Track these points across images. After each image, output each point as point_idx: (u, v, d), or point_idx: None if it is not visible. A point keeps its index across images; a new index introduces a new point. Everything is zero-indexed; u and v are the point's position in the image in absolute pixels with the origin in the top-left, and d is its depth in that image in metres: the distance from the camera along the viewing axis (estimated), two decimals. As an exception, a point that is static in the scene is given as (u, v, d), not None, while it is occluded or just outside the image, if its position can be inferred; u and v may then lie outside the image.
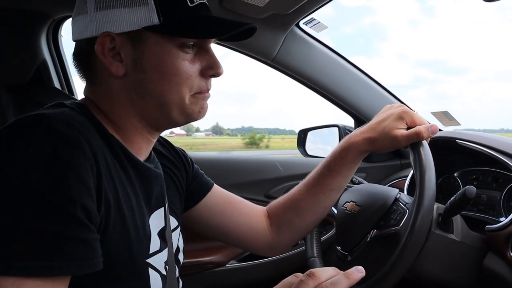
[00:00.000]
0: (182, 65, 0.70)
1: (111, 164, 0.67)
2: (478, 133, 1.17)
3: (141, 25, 0.67)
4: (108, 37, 0.68)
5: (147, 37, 0.68)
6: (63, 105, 0.69)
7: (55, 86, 1.59)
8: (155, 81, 0.70)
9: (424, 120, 0.88)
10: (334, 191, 0.97)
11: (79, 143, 0.58)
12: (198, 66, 0.72)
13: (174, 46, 0.69)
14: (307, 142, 1.91)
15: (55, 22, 1.54)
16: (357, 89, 1.68)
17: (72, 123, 0.60)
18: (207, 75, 0.73)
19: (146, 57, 0.69)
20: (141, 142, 0.76)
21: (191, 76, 0.71)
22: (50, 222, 0.53)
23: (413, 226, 0.75)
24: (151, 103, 0.72)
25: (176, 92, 0.71)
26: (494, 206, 1.11)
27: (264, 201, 1.64)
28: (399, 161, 1.74)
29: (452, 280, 0.89)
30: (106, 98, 0.73)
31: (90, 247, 0.57)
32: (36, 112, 0.61)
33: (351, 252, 0.92)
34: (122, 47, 0.69)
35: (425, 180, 0.78)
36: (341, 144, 0.96)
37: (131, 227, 0.67)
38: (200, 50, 0.73)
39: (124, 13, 0.67)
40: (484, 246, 0.92)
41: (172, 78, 0.69)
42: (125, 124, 0.73)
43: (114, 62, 0.69)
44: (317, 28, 1.57)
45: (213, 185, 1.02)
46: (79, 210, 0.55)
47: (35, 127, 0.57)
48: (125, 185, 0.69)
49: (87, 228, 0.57)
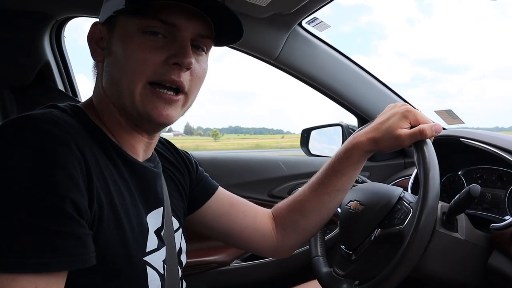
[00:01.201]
0: (138, 49, 0.68)
1: (102, 163, 0.67)
2: (482, 132, 1.16)
3: (112, 11, 0.70)
4: (97, 27, 0.74)
5: (115, 22, 0.71)
6: (55, 106, 0.70)
7: (58, 87, 1.60)
8: (115, 65, 0.71)
9: (427, 119, 0.87)
10: (339, 192, 0.97)
11: (66, 141, 0.59)
12: (163, 55, 0.69)
13: (135, 30, 0.69)
14: (311, 141, 1.91)
15: (58, 23, 1.55)
16: (360, 88, 1.68)
17: (59, 123, 0.62)
18: (170, 63, 0.69)
19: (113, 41, 0.71)
20: (131, 140, 0.76)
21: (146, 61, 0.68)
22: (41, 219, 0.54)
23: (417, 225, 0.75)
24: (114, 90, 0.72)
25: (129, 78, 0.69)
26: (498, 204, 1.11)
27: (267, 200, 1.65)
28: (403, 160, 1.73)
29: (457, 279, 0.89)
30: (96, 91, 0.76)
31: (81, 242, 0.57)
32: (25, 114, 0.62)
33: (355, 251, 0.92)
34: (104, 35, 0.74)
35: (429, 179, 0.77)
36: (345, 144, 0.96)
37: (126, 224, 0.68)
38: (173, 40, 0.70)
39: (109, 4, 0.72)
40: (489, 244, 0.91)
41: (126, 62, 0.69)
42: (111, 120, 0.74)
43: (97, 49, 0.74)
44: (319, 27, 1.57)
45: (217, 188, 1.02)
46: (68, 205, 0.56)
47: (23, 127, 0.59)
48: (118, 183, 0.70)
49: (78, 223, 0.57)
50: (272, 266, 1.62)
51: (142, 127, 0.76)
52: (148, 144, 0.79)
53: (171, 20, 0.69)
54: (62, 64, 1.64)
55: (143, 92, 0.69)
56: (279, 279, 1.63)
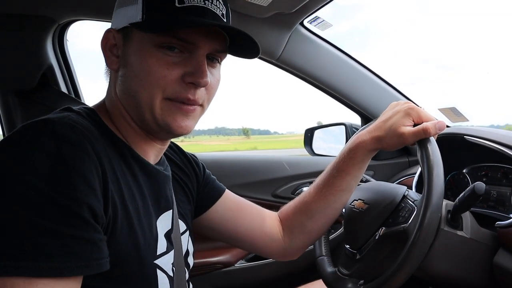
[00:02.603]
0: (155, 65, 0.68)
1: (116, 166, 0.68)
2: (486, 129, 1.16)
3: (128, 22, 0.70)
4: (110, 34, 0.74)
5: (132, 34, 0.71)
6: (70, 110, 0.71)
7: (61, 90, 1.61)
8: (132, 78, 0.71)
9: (431, 116, 0.87)
10: (344, 192, 0.97)
11: (83, 146, 0.60)
12: (180, 71, 0.70)
13: (152, 45, 0.69)
14: (314, 141, 1.91)
15: (61, 26, 1.55)
16: (363, 87, 1.67)
17: (76, 127, 0.62)
18: (186, 82, 0.70)
19: (129, 53, 0.71)
20: (144, 145, 0.77)
21: (165, 77, 0.69)
22: (57, 223, 0.54)
23: (421, 223, 0.75)
24: (131, 101, 0.72)
25: (147, 92, 0.70)
26: (504, 202, 1.10)
27: (271, 200, 1.64)
28: (407, 158, 1.73)
29: (462, 277, 0.88)
30: (109, 96, 0.76)
31: (96, 247, 0.58)
32: (42, 118, 0.62)
33: (360, 250, 0.91)
34: (118, 43, 0.73)
35: (433, 177, 0.77)
36: (348, 144, 0.96)
37: (138, 229, 0.68)
38: (189, 57, 0.70)
39: (123, 11, 0.72)
40: (495, 242, 0.91)
41: (144, 77, 0.69)
42: (125, 125, 0.75)
43: (112, 57, 0.73)
44: (321, 26, 1.57)
45: (224, 191, 1.02)
46: (85, 210, 0.56)
47: (41, 131, 0.59)
48: (132, 187, 0.70)
49: (94, 229, 0.58)
50: (277, 266, 1.62)
51: (157, 135, 0.77)
52: (160, 149, 0.80)
53: (189, 38, 0.69)
54: (65, 67, 1.65)
55: (163, 106, 0.71)
56: (284, 279, 1.62)
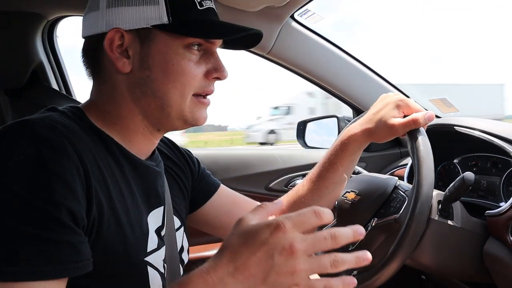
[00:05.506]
0: (187, 65, 0.71)
1: (103, 164, 0.67)
2: (476, 119, 1.17)
3: (151, 23, 0.69)
4: (117, 34, 0.69)
5: (155, 36, 0.70)
6: (55, 109, 0.70)
7: (52, 87, 1.59)
8: (160, 80, 0.71)
9: (420, 107, 0.88)
10: (337, 185, 0.98)
11: (63, 147, 0.59)
12: (204, 68, 0.73)
13: (180, 46, 0.70)
14: (307, 134, 1.91)
15: (50, 23, 1.54)
16: (355, 79, 1.67)
17: (57, 128, 0.61)
18: (211, 77, 0.74)
19: (152, 55, 0.70)
20: (142, 141, 0.77)
21: (196, 76, 0.72)
22: (36, 227, 0.53)
23: (412, 213, 0.76)
24: (153, 102, 0.72)
25: (179, 92, 0.72)
26: (494, 191, 1.11)
27: (264, 194, 1.65)
28: (398, 149, 1.74)
29: (453, 266, 0.90)
30: (110, 97, 0.74)
31: (75, 250, 0.57)
32: (22, 118, 0.61)
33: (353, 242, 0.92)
34: (131, 44, 0.70)
35: (423, 167, 0.78)
36: (340, 137, 0.97)
37: (126, 226, 0.68)
38: (206, 53, 0.74)
39: (134, 11, 0.69)
40: (485, 231, 0.92)
41: (176, 78, 0.71)
42: (127, 124, 0.74)
43: (121, 58, 0.71)
44: (312, 19, 1.57)
45: (219, 186, 1.02)
46: (64, 213, 0.56)
47: (20, 133, 0.58)
48: (120, 184, 0.70)
49: (73, 231, 0.57)
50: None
51: (170, 128, 0.78)
52: (152, 144, 0.80)
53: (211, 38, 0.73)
54: (55, 64, 1.64)
55: (191, 102, 0.73)
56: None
